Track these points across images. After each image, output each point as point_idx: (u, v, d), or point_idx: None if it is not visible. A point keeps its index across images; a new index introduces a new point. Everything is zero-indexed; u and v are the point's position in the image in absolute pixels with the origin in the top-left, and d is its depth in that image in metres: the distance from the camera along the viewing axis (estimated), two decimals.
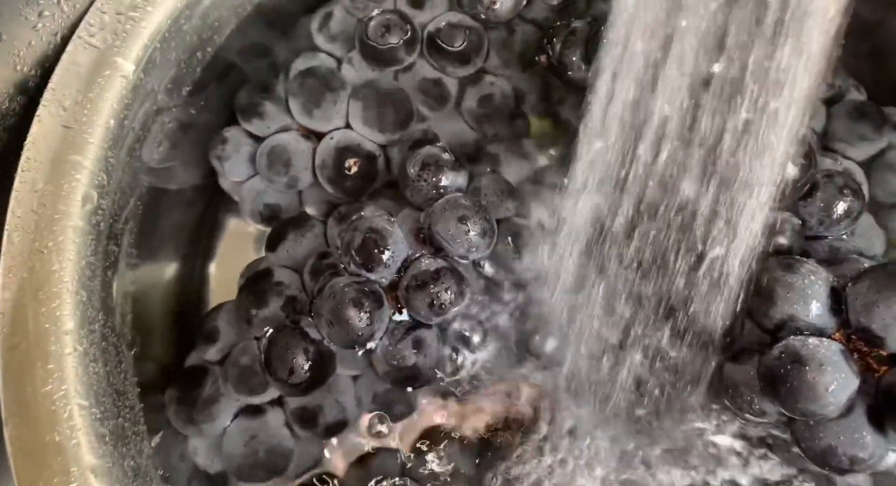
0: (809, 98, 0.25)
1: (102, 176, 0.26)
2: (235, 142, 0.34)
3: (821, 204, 0.27)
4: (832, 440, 0.23)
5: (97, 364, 0.24)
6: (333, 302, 0.28)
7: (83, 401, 0.22)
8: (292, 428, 0.30)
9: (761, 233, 0.26)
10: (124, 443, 0.24)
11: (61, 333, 0.23)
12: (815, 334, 0.23)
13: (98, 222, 0.25)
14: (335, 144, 0.33)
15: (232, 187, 0.35)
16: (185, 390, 0.29)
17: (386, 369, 0.29)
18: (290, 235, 0.32)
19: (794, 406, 0.22)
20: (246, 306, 0.30)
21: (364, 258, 0.29)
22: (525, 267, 0.30)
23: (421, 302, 0.29)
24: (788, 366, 0.22)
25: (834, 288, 0.23)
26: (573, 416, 0.28)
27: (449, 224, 0.29)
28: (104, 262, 0.26)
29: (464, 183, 0.32)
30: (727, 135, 0.26)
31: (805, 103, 0.25)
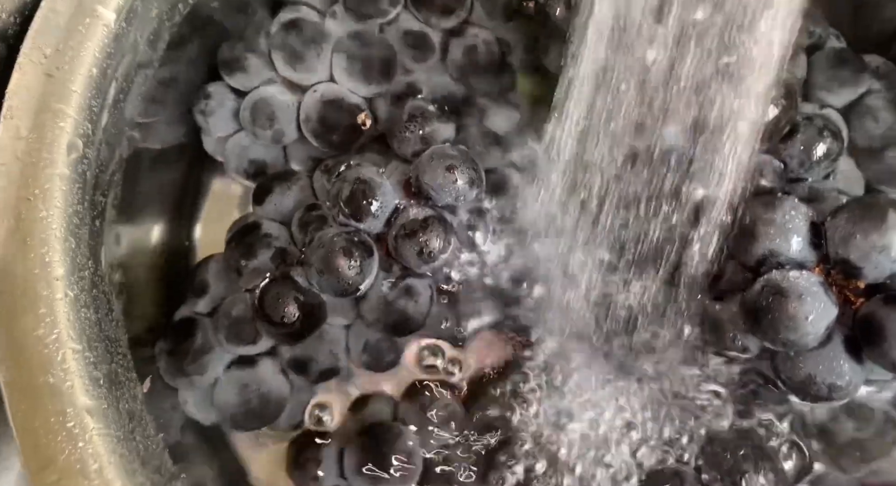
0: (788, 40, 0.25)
1: (87, 125, 0.25)
2: (219, 97, 0.34)
3: (801, 146, 0.28)
4: (811, 369, 0.24)
5: (88, 310, 0.24)
6: (323, 251, 0.28)
7: (76, 345, 0.22)
8: (285, 376, 0.30)
9: (743, 175, 0.26)
10: (118, 387, 0.24)
11: (51, 278, 0.23)
12: (795, 268, 0.24)
13: (84, 172, 0.25)
14: (319, 98, 0.33)
15: (215, 147, 0.35)
16: (175, 342, 0.30)
17: (376, 317, 0.29)
18: (276, 189, 0.32)
19: (776, 337, 0.23)
20: (235, 257, 0.30)
21: (353, 209, 0.29)
22: (512, 215, 0.31)
23: (410, 251, 0.29)
24: (770, 298, 0.23)
25: (814, 223, 0.24)
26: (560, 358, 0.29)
27: (436, 173, 0.29)
28: (92, 211, 0.26)
29: (451, 134, 0.32)
30: (709, 78, 0.26)
31: (784, 45, 0.25)
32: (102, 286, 0.26)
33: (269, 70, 0.33)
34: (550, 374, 0.29)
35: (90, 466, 0.21)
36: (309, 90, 0.33)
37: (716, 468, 0.25)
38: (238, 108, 0.33)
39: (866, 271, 0.23)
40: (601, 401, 0.28)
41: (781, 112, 0.27)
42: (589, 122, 0.28)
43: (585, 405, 0.28)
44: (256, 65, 0.33)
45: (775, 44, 0.24)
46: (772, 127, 0.27)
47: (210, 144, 0.35)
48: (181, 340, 0.30)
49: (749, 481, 0.24)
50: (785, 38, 0.24)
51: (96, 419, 0.22)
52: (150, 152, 0.33)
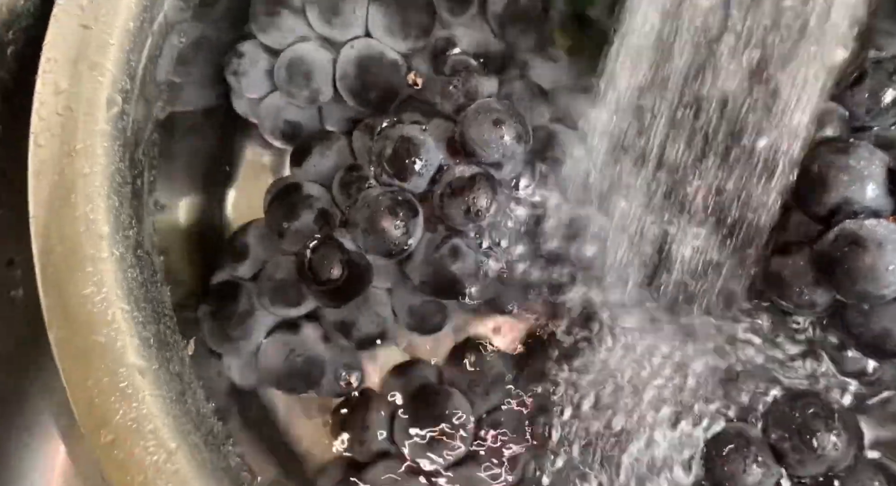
0: None
1: (125, 80, 0.25)
2: (252, 56, 0.32)
3: (868, 92, 0.26)
4: (888, 322, 0.23)
5: (134, 270, 0.23)
6: (368, 211, 0.28)
7: (124, 305, 0.22)
8: (329, 340, 0.29)
9: (808, 123, 0.25)
10: (167, 349, 0.23)
11: (96, 236, 0.22)
12: (870, 216, 0.23)
13: (124, 128, 0.24)
14: (356, 54, 0.31)
15: (248, 108, 0.34)
16: (218, 305, 0.29)
17: (422, 279, 0.29)
18: (315, 150, 0.31)
19: (852, 289, 0.22)
20: (277, 219, 0.29)
21: (396, 168, 0.28)
22: (561, 171, 0.29)
23: (456, 209, 0.28)
24: (846, 248, 0.22)
25: (890, 168, 0.23)
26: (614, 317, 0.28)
27: (482, 128, 0.28)
28: (133, 170, 0.25)
29: (494, 89, 0.31)
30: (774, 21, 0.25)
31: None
32: (146, 247, 0.25)
33: (303, 26, 0.32)
34: (602, 333, 0.28)
35: (145, 426, 0.20)
36: (345, 46, 0.32)
37: (783, 428, 0.24)
38: (271, 67, 0.32)
39: None
40: (657, 360, 0.27)
41: (851, 56, 0.25)
42: (644, 71, 0.27)
43: (641, 364, 0.27)
44: (290, 21, 0.32)
45: None
46: (839, 72, 0.26)
47: (242, 106, 0.34)
48: (224, 304, 0.29)
49: (820, 440, 0.23)
50: None
51: (148, 380, 0.21)
52: (182, 116, 0.32)
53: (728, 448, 0.24)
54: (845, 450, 0.23)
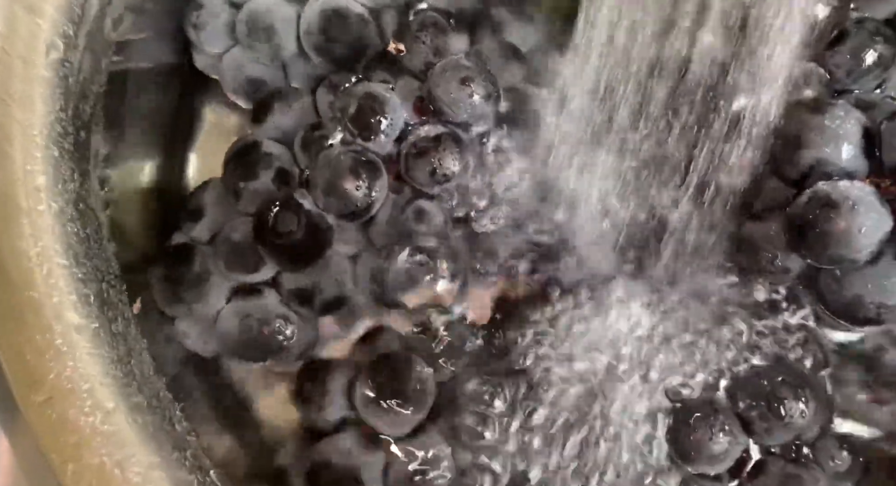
0: None
1: (68, 25, 0.23)
2: (212, 8, 0.31)
3: (849, 54, 0.25)
4: (860, 289, 0.22)
5: (75, 225, 0.22)
6: (328, 171, 0.27)
7: (62, 260, 0.21)
8: (289, 306, 0.28)
9: (786, 83, 0.24)
10: (110, 307, 0.22)
11: (32, 188, 0.21)
12: (844, 178, 0.22)
13: (66, 76, 0.23)
14: (321, 8, 0.30)
15: (209, 64, 0.33)
16: (171, 268, 0.28)
17: (386, 242, 0.28)
18: (276, 107, 0.30)
19: (824, 253, 0.21)
20: (234, 179, 0.28)
21: (360, 126, 0.27)
22: (533, 133, 0.28)
23: (421, 171, 0.27)
24: (818, 210, 0.21)
25: (867, 128, 0.22)
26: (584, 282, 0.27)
27: (450, 86, 0.27)
28: (76, 121, 0.24)
29: (464, 46, 0.30)
30: None
31: None
32: (91, 202, 0.24)
33: None
34: (574, 299, 0.27)
35: (81, 386, 0.19)
36: (309, 0, 0.30)
37: (751, 396, 0.23)
38: (233, 20, 0.31)
39: None
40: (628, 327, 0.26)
41: (830, 15, 0.24)
42: (618, 28, 0.26)
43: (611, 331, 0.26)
44: None
45: None
46: (819, 31, 0.25)
47: (202, 61, 0.32)
48: (178, 266, 0.28)
49: (787, 408, 0.22)
50: None
51: (86, 338, 0.20)
52: (138, 71, 0.30)
53: (694, 417, 0.24)
54: (813, 418, 0.23)
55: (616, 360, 0.25)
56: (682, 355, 0.25)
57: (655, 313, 0.26)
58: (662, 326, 0.26)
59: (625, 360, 0.25)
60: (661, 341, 0.26)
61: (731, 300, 0.26)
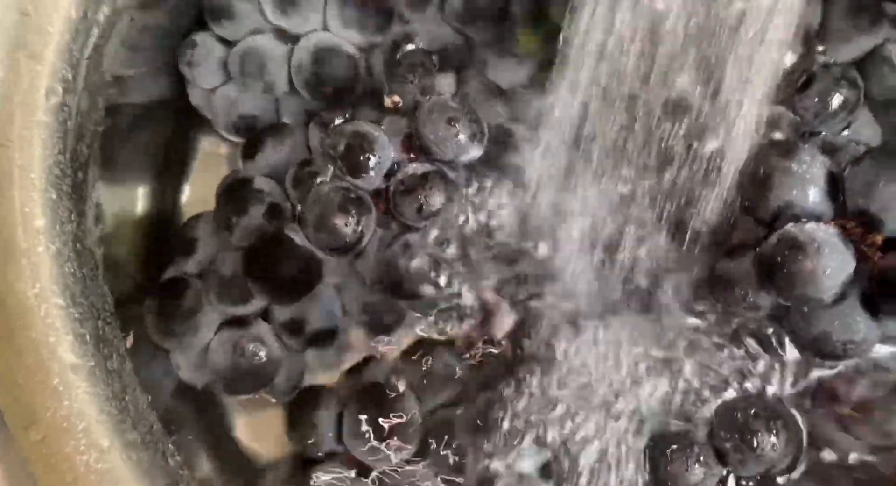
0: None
1: (67, 70, 0.24)
2: (205, 47, 0.32)
3: (816, 97, 0.27)
4: (826, 326, 0.23)
5: (72, 265, 0.22)
6: (319, 208, 0.27)
7: (59, 300, 0.21)
8: (280, 339, 0.29)
9: (757, 126, 0.25)
10: (106, 345, 0.23)
11: (31, 230, 0.22)
12: (812, 221, 0.23)
13: (65, 120, 0.24)
14: (313, 47, 0.31)
15: (202, 102, 0.34)
16: (164, 301, 0.28)
17: (374, 277, 0.28)
18: (268, 143, 0.31)
19: (791, 293, 0.22)
20: (226, 213, 0.29)
21: (349, 164, 0.28)
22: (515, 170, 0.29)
23: (409, 207, 0.28)
24: (786, 252, 0.22)
25: (832, 173, 0.23)
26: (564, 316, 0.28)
27: (437, 126, 0.28)
28: (74, 163, 0.24)
29: (451, 86, 0.31)
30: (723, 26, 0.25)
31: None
32: (87, 242, 0.24)
33: (258, 17, 0.31)
34: (555, 332, 0.28)
35: (77, 424, 0.20)
36: (301, 39, 0.31)
37: (726, 428, 0.24)
38: (226, 58, 0.32)
39: (888, 222, 0.22)
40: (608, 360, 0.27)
41: (798, 61, 0.26)
42: (596, 72, 0.27)
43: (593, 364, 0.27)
44: (245, 12, 0.31)
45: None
46: (787, 77, 0.26)
47: (196, 97, 0.33)
48: (170, 299, 0.28)
49: (759, 440, 0.23)
50: None
51: (82, 377, 0.21)
52: (133, 106, 0.31)
53: (671, 449, 0.24)
54: (784, 450, 0.24)
55: (594, 392, 0.26)
56: (659, 387, 0.26)
57: (633, 346, 0.27)
58: (639, 358, 0.27)
59: (602, 392, 0.26)
60: (639, 374, 0.26)
61: (707, 333, 0.27)
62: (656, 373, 0.27)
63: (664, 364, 0.27)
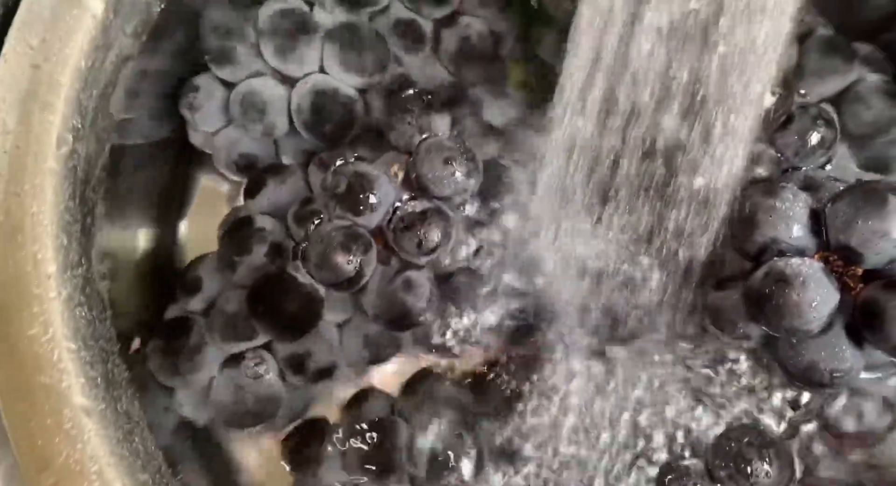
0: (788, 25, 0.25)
1: (77, 118, 0.25)
2: (207, 90, 0.33)
3: (796, 135, 0.28)
4: (814, 355, 0.24)
5: (83, 309, 0.23)
6: (321, 247, 0.28)
7: (71, 344, 0.22)
8: (282, 375, 0.29)
9: (741, 164, 0.27)
10: (115, 387, 0.23)
11: (43, 276, 0.22)
12: (796, 255, 0.24)
13: (74, 167, 0.25)
14: (311, 89, 0.32)
15: (203, 141, 0.34)
16: (168, 340, 0.29)
17: (376, 311, 0.29)
18: (269, 183, 0.32)
19: (780, 324, 0.23)
20: (228, 252, 0.29)
21: (350, 204, 0.29)
22: (510, 206, 0.30)
23: (409, 243, 0.29)
24: (773, 285, 0.23)
25: (813, 209, 0.24)
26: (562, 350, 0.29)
27: (434, 165, 0.29)
28: (83, 208, 0.25)
29: (447, 125, 0.32)
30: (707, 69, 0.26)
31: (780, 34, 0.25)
32: (95, 285, 0.25)
33: (258, 61, 0.32)
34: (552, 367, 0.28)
35: (90, 468, 0.20)
36: (300, 81, 0.32)
37: (721, 457, 0.25)
38: (227, 100, 0.33)
39: (867, 256, 0.23)
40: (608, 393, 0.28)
41: (778, 101, 0.27)
42: (585, 112, 0.28)
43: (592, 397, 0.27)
44: (245, 56, 0.32)
45: (775, 33, 0.24)
46: (768, 116, 0.27)
47: (198, 139, 0.34)
48: (174, 338, 0.29)
49: (753, 468, 0.24)
50: (785, 26, 0.24)
51: (94, 420, 0.21)
52: (135, 148, 0.32)
53: (669, 478, 0.25)
54: (777, 478, 0.24)
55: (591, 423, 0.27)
56: (656, 417, 0.27)
57: (628, 378, 0.28)
58: (635, 389, 0.28)
59: (599, 424, 0.27)
60: (635, 405, 0.27)
61: (700, 364, 0.28)
62: (653, 404, 0.28)
63: (660, 396, 0.28)
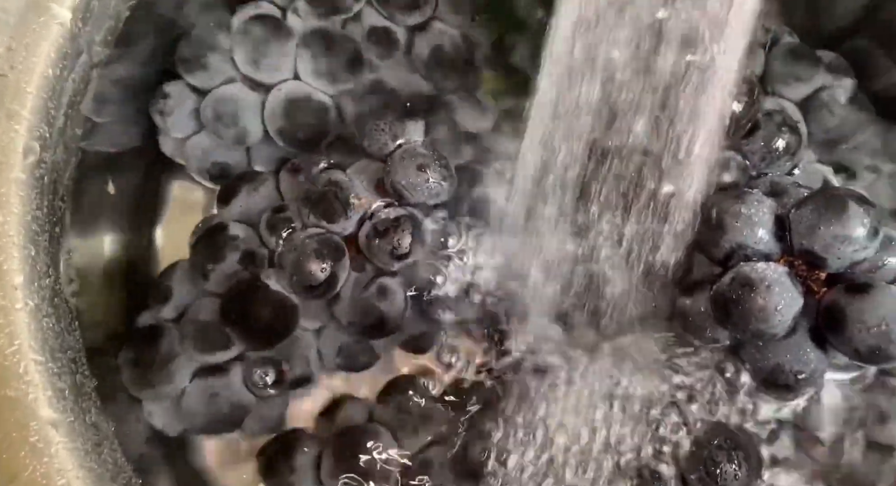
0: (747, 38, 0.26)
1: (43, 127, 0.24)
2: (178, 96, 0.33)
3: (762, 141, 0.29)
4: (780, 358, 0.24)
5: (50, 320, 0.23)
6: (294, 255, 0.28)
7: (38, 356, 0.21)
8: (256, 384, 0.29)
9: (709, 170, 0.27)
10: (84, 399, 0.23)
11: (10, 287, 0.22)
12: (762, 260, 0.24)
13: (42, 176, 0.24)
14: (285, 96, 0.32)
15: (174, 149, 0.34)
16: (139, 351, 0.29)
17: (350, 319, 0.29)
18: (242, 190, 0.31)
19: (746, 327, 0.24)
20: (201, 261, 0.29)
21: (323, 212, 0.29)
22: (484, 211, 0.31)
23: (381, 250, 0.29)
24: (740, 290, 0.24)
25: (778, 215, 0.25)
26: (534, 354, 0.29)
27: (408, 172, 0.29)
28: (51, 218, 0.25)
29: (420, 132, 0.32)
30: (675, 76, 0.26)
31: (744, 43, 0.26)
32: (63, 295, 0.25)
33: (230, 68, 0.32)
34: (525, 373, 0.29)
35: (56, 481, 0.20)
36: (273, 89, 0.32)
37: (692, 460, 0.25)
38: (198, 107, 0.32)
39: (830, 261, 0.23)
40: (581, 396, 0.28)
41: (744, 108, 0.28)
42: (558, 119, 0.28)
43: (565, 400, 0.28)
44: (217, 63, 0.32)
45: (738, 42, 0.25)
46: (734, 123, 0.28)
47: (168, 146, 0.34)
48: (145, 348, 0.29)
49: (723, 471, 0.25)
50: (747, 36, 0.25)
51: (61, 433, 0.21)
52: (106, 157, 0.32)
53: (636, 483, 0.25)
54: (745, 479, 0.25)
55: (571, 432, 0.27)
56: (627, 421, 0.27)
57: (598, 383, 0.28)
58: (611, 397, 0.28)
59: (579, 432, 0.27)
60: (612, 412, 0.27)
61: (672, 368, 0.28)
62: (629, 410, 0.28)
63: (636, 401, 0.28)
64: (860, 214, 0.22)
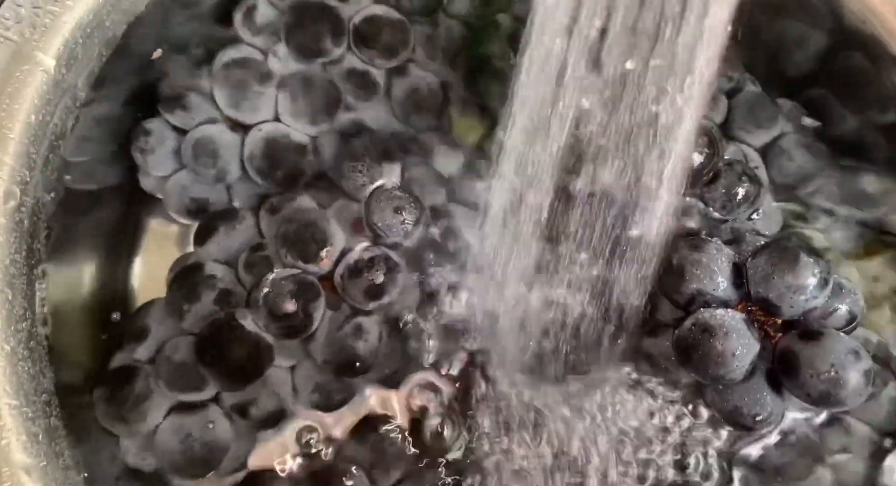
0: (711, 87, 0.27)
1: (25, 172, 0.25)
2: (158, 135, 0.33)
3: (723, 190, 0.30)
4: (738, 401, 0.25)
5: (26, 363, 0.23)
6: (269, 295, 0.29)
7: (12, 401, 0.22)
8: (230, 421, 0.30)
9: (671, 216, 0.28)
10: (58, 442, 0.23)
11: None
12: (721, 306, 0.25)
13: (21, 219, 0.25)
14: (264, 136, 0.33)
15: (154, 185, 0.35)
16: (114, 389, 0.29)
17: (325, 358, 0.30)
18: (220, 229, 0.32)
19: (706, 372, 0.25)
20: (177, 300, 0.30)
21: (300, 252, 0.29)
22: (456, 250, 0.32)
23: (356, 289, 0.29)
24: (700, 335, 0.25)
25: (736, 264, 0.26)
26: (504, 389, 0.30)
27: (385, 214, 0.30)
28: (29, 260, 0.25)
29: (397, 173, 0.33)
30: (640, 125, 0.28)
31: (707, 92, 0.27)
32: (39, 336, 0.25)
33: (211, 108, 0.33)
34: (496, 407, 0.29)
35: None
36: (253, 128, 0.33)
37: None
38: (178, 145, 0.33)
39: (783, 309, 0.25)
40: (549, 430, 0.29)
41: (705, 158, 0.29)
42: (524, 162, 0.29)
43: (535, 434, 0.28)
44: (198, 103, 0.33)
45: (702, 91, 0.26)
46: (696, 172, 0.29)
47: (149, 183, 0.34)
48: (120, 386, 0.29)
49: None
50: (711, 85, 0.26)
51: (34, 478, 0.21)
52: (85, 192, 0.32)
53: None
54: None
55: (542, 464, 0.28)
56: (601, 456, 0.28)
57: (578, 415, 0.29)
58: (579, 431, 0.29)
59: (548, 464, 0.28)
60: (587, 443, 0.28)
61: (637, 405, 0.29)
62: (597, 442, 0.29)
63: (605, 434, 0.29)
64: (811, 266, 0.24)
